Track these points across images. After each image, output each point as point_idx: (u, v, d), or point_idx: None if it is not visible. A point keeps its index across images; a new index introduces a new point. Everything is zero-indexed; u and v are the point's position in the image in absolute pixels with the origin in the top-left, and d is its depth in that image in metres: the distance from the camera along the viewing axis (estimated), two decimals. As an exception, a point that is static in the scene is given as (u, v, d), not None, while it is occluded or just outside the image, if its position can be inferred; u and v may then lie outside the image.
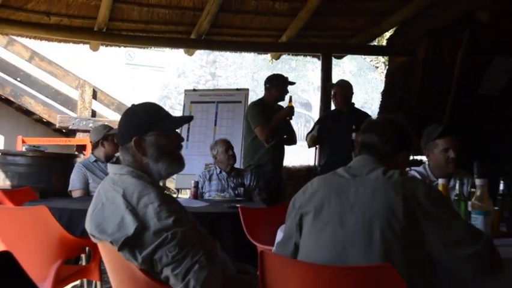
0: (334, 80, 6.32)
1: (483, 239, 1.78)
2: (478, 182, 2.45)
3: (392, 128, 2.05)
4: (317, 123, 5.37)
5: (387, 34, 6.80)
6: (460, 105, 6.11)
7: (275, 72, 5.44)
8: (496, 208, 2.57)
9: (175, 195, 6.22)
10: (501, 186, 2.86)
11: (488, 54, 6.00)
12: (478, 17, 5.23)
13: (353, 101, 5.28)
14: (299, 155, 7.17)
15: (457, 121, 5.84)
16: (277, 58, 7.12)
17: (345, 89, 5.23)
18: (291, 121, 5.32)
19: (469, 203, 2.48)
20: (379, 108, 6.64)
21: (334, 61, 6.67)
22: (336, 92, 5.21)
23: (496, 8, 5.11)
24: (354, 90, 5.42)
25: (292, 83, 5.31)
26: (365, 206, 1.81)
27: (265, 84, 5.25)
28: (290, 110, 5.11)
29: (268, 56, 7.33)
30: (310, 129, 5.51)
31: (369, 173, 1.91)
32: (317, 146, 6.11)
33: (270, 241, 2.62)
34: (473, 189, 2.58)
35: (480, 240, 1.76)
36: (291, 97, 5.22)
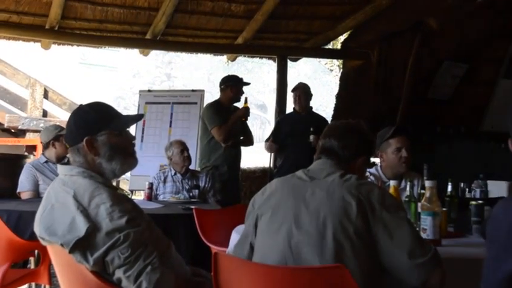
0: (289, 83, 6.41)
1: (430, 251, 1.81)
2: (427, 183, 2.51)
3: (352, 134, 2.08)
4: (275, 129, 5.39)
5: (342, 38, 6.89)
6: (412, 108, 6.26)
7: (231, 74, 5.44)
8: (444, 209, 2.64)
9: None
10: (449, 188, 2.95)
11: (438, 60, 6.17)
12: (428, 24, 5.37)
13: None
14: (254, 156, 7.18)
15: (408, 124, 5.97)
16: (234, 60, 7.12)
17: (305, 91, 5.35)
18: (247, 122, 5.34)
19: (419, 204, 2.54)
20: (333, 110, 6.72)
21: (289, 63, 6.72)
22: (300, 95, 5.29)
23: (444, 16, 5.26)
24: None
25: (247, 84, 5.34)
26: (320, 208, 1.84)
27: (220, 85, 5.26)
28: (246, 111, 5.16)
29: (224, 58, 7.32)
30: (269, 136, 5.54)
31: (327, 176, 1.94)
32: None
33: (225, 243, 2.61)
34: (423, 191, 2.64)
35: (427, 252, 1.80)
36: (246, 98, 5.25)
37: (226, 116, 5.09)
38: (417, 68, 6.12)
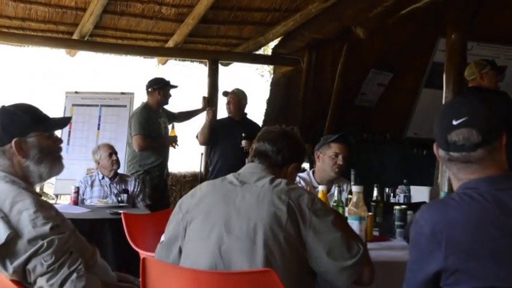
0: (220, 86, 6.42)
1: (359, 252, 1.85)
2: (354, 189, 2.57)
3: (285, 140, 2.10)
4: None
5: (273, 44, 6.97)
6: (340, 115, 6.41)
7: (163, 77, 5.39)
8: (370, 214, 2.71)
9: (53, 201, 5.94)
10: (375, 193, 3.04)
11: (365, 68, 6.36)
12: (356, 33, 5.52)
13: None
14: (185, 160, 7.13)
15: (337, 130, 6.11)
16: (164, 63, 7.04)
17: (239, 97, 5.37)
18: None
19: (346, 208, 2.60)
20: (264, 116, 6.78)
21: (221, 68, 6.73)
22: (230, 100, 5.31)
23: (371, 25, 5.42)
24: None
25: (175, 87, 5.31)
26: (251, 213, 1.84)
27: (147, 88, 5.20)
28: (173, 139, 5.22)
29: (155, 61, 7.23)
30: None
31: (258, 181, 1.94)
32: (202, 153, 6.15)
33: (154, 248, 2.57)
34: (350, 196, 2.71)
35: (356, 254, 1.83)
36: (173, 125, 5.30)
37: (154, 121, 5.08)
38: (345, 75, 6.28)
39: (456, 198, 1.54)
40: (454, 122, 1.54)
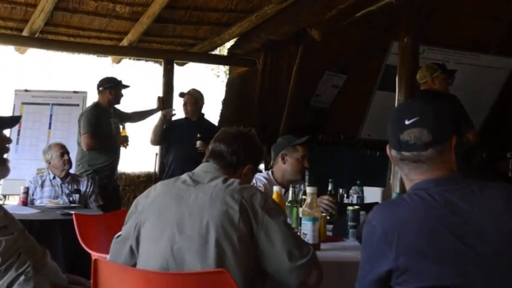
0: (176, 86, 6.38)
1: (309, 252, 1.87)
2: (308, 189, 2.59)
3: (241, 141, 2.09)
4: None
5: (229, 44, 6.96)
6: (295, 116, 6.45)
7: (115, 76, 5.31)
8: (324, 214, 2.74)
9: (1, 202, 5.78)
10: (329, 187, 3.10)
11: (319, 70, 6.42)
12: (311, 35, 5.57)
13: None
14: (139, 160, 7.04)
15: (292, 132, 6.15)
16: (118, 62, 6.94)
17: (196, 98, 5.36)
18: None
19: (300, 209, 2.61)
20: (219, 116, 6.76)
21: (176, 68, 6.68)
22: (187, 101, 5.31)
23: (326, 28, 5.48)
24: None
25: (127, 86, 5.26)
26: (203, 213, 1.84)
27: (98, 87, 5.13)
28: (124, 139, 5.16)
29: (109, 59, 7.11)
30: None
31: (211, 181, 1.94)
32: (157, 153, 6.10)
33: (106, 249, 2.54)
34: (304, 196, 2.73)
35: (305, 254, 1.86)
36: (123, 125, 5.23)
37: (105, 120, 5.02)
38: (300, 77, 6.32)
39: (407, 199, 1.57)
40: (406, 122, 1.57)
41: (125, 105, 5.51)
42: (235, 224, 1.80)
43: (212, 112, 6.78)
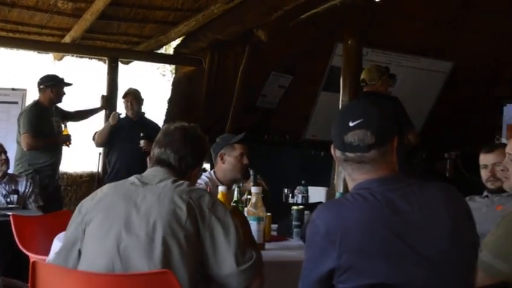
0: (120, 85, 6.28)
1: (253, 257, 1.88)
2: (253, 189, 2.61)
3: (188, 145, 2.06)
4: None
5: (175, 43, 6.90)
6: (241, 116, 6.46)
7: (56, 74, 5.19)
8: (269, 214, 2.76)
9: None
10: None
11: (266, 70, 6.45)
12: (257, 35, 5.59)
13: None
14: (81, 160, 6.88)
15: (238, 132, 6.15)
16: (60, 59, 6.75)
17: (139, 97, 5.39)
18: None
19: (245, 209, 2.62)
20: (165, 115, 6.69)
21: (121, 66, 6.56)
22: (131, 101, 5.29)
23: (272, 29, 5.52)
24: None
25: (69, 84, 5.16)
26: (151, 211, 1.83)
27: (39, 85, 5.01)
28: (66, 138, 5.08)
29: (50, 56, 6.91)
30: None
31: (160, 182, 1.94)
32: (100, 153, 6.00)
33: (46, 251, 2.48)
34: (249, 196, 2.73)
35: (250, 258, 1.87)
36: (65, 124, 5.14)
37: (47, 119, 4.91)
38: (247, 77, 6.33)
39: (350, 198, 1.60)
40: (350, 124, 1.60)
41: (68, 103, 5.40)
42: (182, 224, 1.80)
43: (157, 111, 6.71)
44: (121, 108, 5.66)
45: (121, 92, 5.83)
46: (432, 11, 6.50)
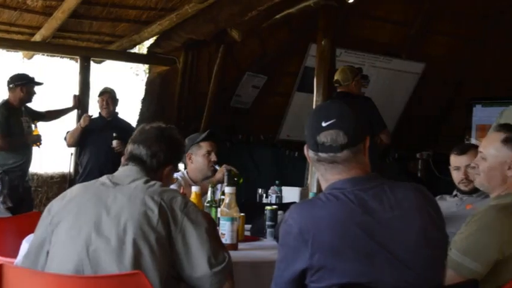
0: (92, 85, 6.20)
1: (225, 260, 1.88)
2: (226, 189, 2.60)
3: (161, 142, 2.03)
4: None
5: (148, 43, 6.84)
6: (216, 116, 6.44)
7: (27, 72, 5.11)
8: (242, 214, 2.75)
9: None
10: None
11: (240, 70, 6.45)
12: (231, 35, 5.59)
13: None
14: (53, 160, 6.78)
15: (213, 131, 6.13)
16: (30, 58, 6.63)
17: (114, 96, 5.35)
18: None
19: (219, 209, 2.61)
20: (138, 115, 6.63)
21: (93, 65, 6.48)
22: (107, 100, 5.24)
23: (246, 29, 5.53)
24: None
25: (40, 83, 5.09)
26: (121, 213, 1.80)
27: (8, 84, 4.92)
28: (37, 138, 5.00)
29: (19, 55, 6.79)
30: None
31: (131, 183, 1.91)
32: (72, 153, 5.92)
33: (15, 253, 2.43)
34: (223, 197, 2.73)
35: (222, 261, 1.86)
36: (35, 124, 5.07)
37: (16, 119, 4.82)
38: (221, 77, 6.32)
39: (323, 198, 1.60)
40: (323, 124, 1.61)
41: (39, 103, 5.31)
42: (153, 226, 1.78)
43: (131, 111, 6.65)
44: (94, 108, 5.59)
45: (93, 92, 5.76)
46: (403, 13, 6.58)
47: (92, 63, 6.44)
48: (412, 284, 1.53)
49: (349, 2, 5.41)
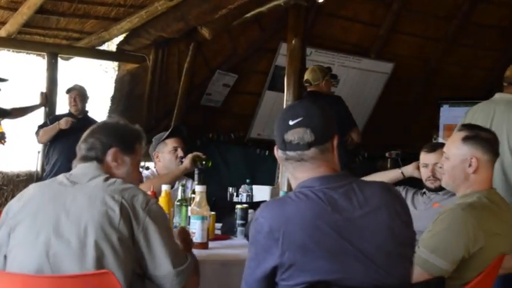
0: (60, 82, 6.11)
1: (188, 259, 1.88)
2: (197, 188, 2.60)
3: (96, 132, 2.00)
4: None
5: (118, 40, 6.76)
6: (186, 114, 6.41)
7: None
8: (213, 213, 2.75)
9: None
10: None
11: (210, 69, 6.43)
12: (201, 33, 5.57)
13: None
14: (19, 158, 6.66)
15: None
16: (-5, 54, 6.50)
17: (84, 93, 5.30)
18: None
19: (189, 208, 2.60)
20: (108, 113, 6.56)
21: (61, 62, 6.38)
22: (75, 97, 5.16)
23: (216, 27, 5.51)
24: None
25: (4, 80, 5.00)
26: (81, 214, 1.76)
27: None
28: (1, 136, 4.97)
29: (-16, 51, 6.64)
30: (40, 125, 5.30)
31: (90, 181, 1.86)
32: (39, 151, 5.83)
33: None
34: (193, 195, 2.71)
35: (185, 260, 1.86)
36: (0, 122, 4.98)
37: None
38: (191, 75, 6.29)
39: (292, 197, 1.61)
40: (290, 122, 1.62)
41: (4, 100, 5.20)
42: (115, 226, 1.74)
43: (100, 109, 6.57)
44: (62, 106, 5.51)
45: (61, 89, 5.67)
46: (372, 13, 6.65)
47: (60, 60, 6.34)
48: (380, 281, 1.55)
49: (319, 1, 5.43)
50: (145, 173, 3.44)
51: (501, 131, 2.26)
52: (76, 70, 7.63)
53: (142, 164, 5.49)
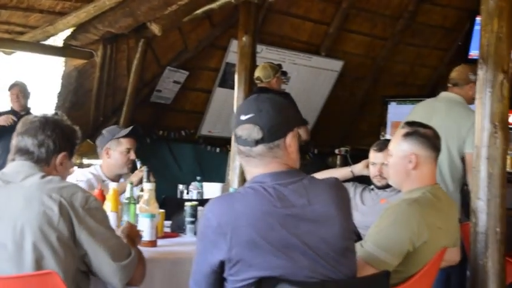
0: (2, 77, 5.93)
1: (131, 253, 1.86)
2: (145, 186, 2.57)
3: (48, 129, 1.89)
4: None
5: (64, 35, 6.59)
6: (135, 111, 6.33)
7: None
8: (162, 211, 2.72)
9: None
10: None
11: (160, 65, 6.37)
12: (151, 29, 5.50)
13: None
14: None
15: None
16: None
17: (26, 89, 5.31)
18: None
19: (137, 206, 2.57)
20: (54, 110, 6.40)
21: (2, 57, 6.18)
22: (18, 94, 5.04)
23: (166, 23, 5.45)
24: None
25: None
26: (17, 216, 1.70)
27: None
28: None
29: None
30: None
31: (25, 179, 1.79)
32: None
33: None
34: (141, 193, 2.68)
35: (128, 254, 1.84)
36: None
37: None
38: (141, 71, 6.21)
39: (242, 192, 1.62)
40: (242, 117, 1.63)
41: None
42: (54, 225, 1.70)
43: (46, 106, 6.40)
44: (4, 102, 5.35)
45: (3, 85, 5.49)
46: (322, 11, 6.73)
47: (1, 54, 6.14)
48: (327, 275, 1.57)
49: (269, -1, 5.46)
50: (84, 172, 3.32)
51: (439, 128, 2.33)
52: (19, 65, 7.39)
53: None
